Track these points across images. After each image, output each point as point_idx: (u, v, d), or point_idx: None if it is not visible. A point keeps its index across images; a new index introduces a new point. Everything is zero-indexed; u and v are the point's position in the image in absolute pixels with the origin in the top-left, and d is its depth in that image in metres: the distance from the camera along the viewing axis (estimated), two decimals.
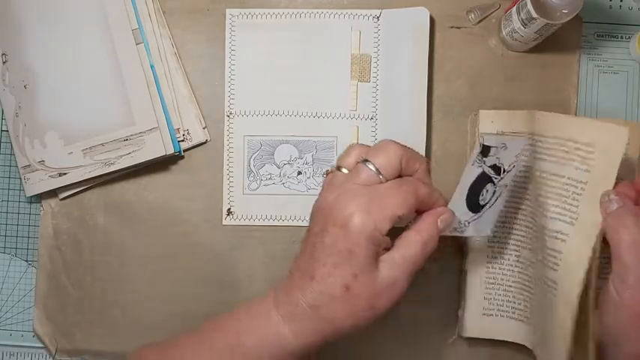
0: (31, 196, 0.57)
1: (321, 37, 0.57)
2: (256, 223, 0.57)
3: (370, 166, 0.43)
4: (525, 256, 0.53)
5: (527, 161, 0.51)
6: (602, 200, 0.44)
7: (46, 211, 0.58)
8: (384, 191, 0.43)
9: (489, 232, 0.49)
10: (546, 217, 0.48)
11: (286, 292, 0.43)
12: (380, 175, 0.43)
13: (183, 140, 0.57)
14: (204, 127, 0.58)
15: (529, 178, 0.51)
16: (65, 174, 0.56)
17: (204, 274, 0.58)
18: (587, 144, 0.46)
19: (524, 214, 0.53)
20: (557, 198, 0.47)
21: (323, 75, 0.57)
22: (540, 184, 0.49)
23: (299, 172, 0.57)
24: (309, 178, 0.57)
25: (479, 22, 0.58)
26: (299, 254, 0.45)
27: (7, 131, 0.58)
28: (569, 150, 0.47)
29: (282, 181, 0.57)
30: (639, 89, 0.58)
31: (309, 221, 0.45)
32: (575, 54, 0.58)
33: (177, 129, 0.57)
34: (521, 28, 0.53)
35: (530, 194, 0.51)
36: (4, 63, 0.57)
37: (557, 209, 0.47)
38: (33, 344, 0.59)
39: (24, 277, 0.59)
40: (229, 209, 0.57)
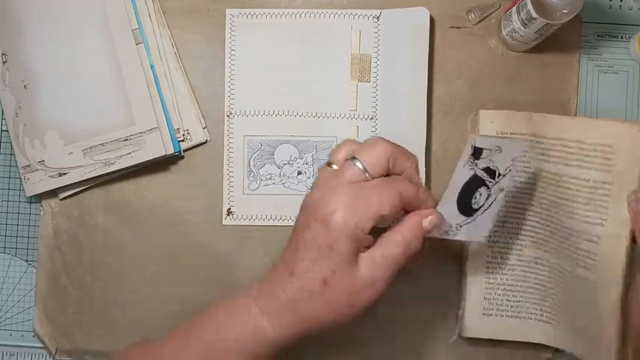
0: (31, 196, 0.57)
1: (321, 37, 0.57)
2: (256, 223, 0.57)
3: (357, 164, 0.43)
4: (530, 256, 0.53)
5: (530, 164, 0.51)
6: (629, 199, 0.45)
7: (46, 211, 0.58)
8: (369, 189, 0.42)
9: (484, 238, 0.47)
10: (572, 219, 0.49)
11: (269, 284, 0.43)
12: (366, 173, 0.43)
13: (183, 140, 0.57)
14: (204, 127, 0.58)
15: (535, 180, 0.51)
16: (65, 174, 0.56)
17: (204, 274, 0.58)
18: (606, 145, 0.47)
19: (531, 215, 0.53)
20: (583, 200, 0.48)
21: (323, 75, 0.57)
22: (553, 185, 0.49)
23: (299, 172, 0.57)
24: (309, 178, 0.57)
25: (479, 22, 0.58)
26: (285, 248, 0.44)
27: (7, 131, 0.58)
28: (574, 151, 0.47)
29: (282, 181, 0.57)
30: (639, 89, 0.58)
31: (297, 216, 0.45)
32: (575, 54, 0.58)
33: (177, 129, 0.57)
34: (521, 28, 0.53)
35: (543, 196, 0.51)
36: (4, 63, 0.57)
37: (581, 211, 0.48)
38: (33, 344, 0.59)
39: (24, 277, 0.59)
40: (229, 209, 0.57)
